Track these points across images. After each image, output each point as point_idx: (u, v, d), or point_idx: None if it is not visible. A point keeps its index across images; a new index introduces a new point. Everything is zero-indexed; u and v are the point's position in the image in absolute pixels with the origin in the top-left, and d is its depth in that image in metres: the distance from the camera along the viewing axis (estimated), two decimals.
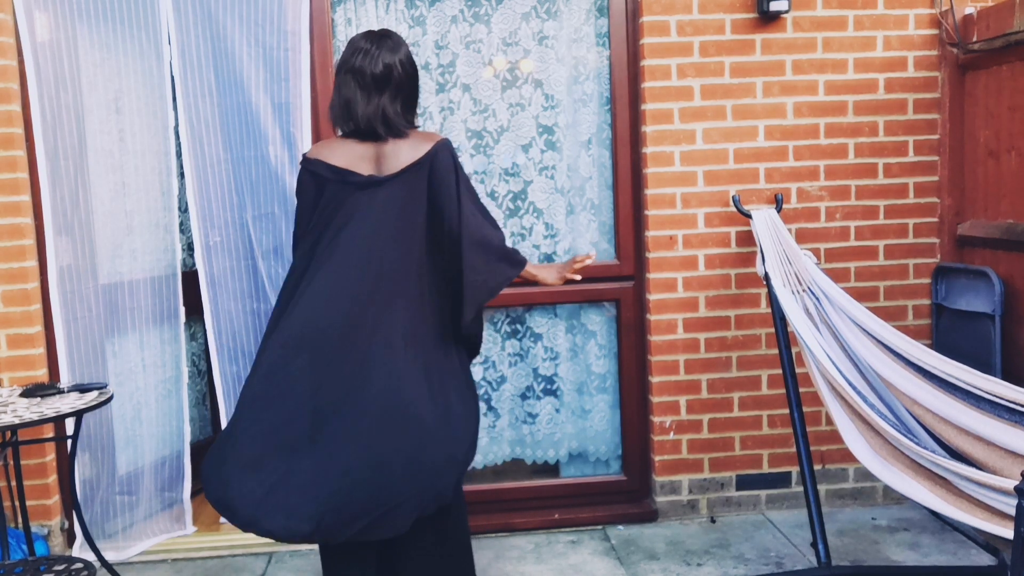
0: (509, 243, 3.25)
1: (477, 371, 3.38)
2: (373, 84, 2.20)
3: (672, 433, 3.33)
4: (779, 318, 2.89)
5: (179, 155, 3.23)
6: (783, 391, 2.94)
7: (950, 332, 3.26)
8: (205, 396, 3.90)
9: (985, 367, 2.87)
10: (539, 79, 3.31)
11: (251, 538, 3.21)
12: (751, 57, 3.23)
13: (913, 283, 3.37)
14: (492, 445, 3.43)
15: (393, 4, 3.24)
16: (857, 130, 3.30)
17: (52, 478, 3.08)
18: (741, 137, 3.25)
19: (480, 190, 3.28)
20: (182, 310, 3.29)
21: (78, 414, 2.54)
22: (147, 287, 3.25)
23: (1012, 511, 2.03)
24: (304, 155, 2.29)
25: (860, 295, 3.17)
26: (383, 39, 2.25)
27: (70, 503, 2.91)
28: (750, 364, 3.33)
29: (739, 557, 3.01)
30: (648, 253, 3.27)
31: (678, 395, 3.31)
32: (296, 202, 2.32)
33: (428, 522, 2.21)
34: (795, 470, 3.35)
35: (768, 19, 3.21)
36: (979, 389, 2.33)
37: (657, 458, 3.34)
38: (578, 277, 2.55)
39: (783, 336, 2.88)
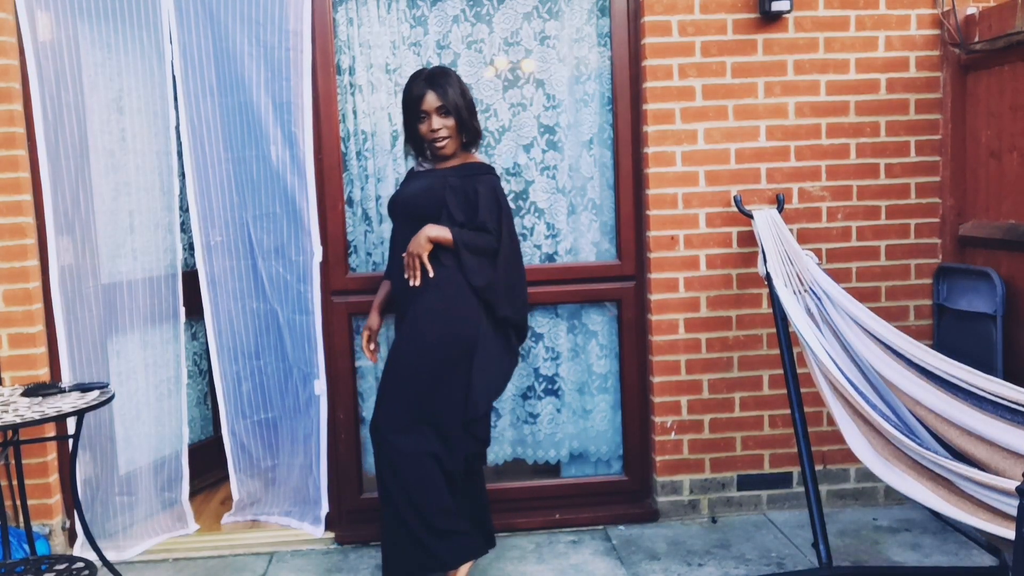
0: None
1: None
2: None
3: (673, 433, 3.33)
4: (780, 318, 2.89)
5: (180, 154, 3.23)
6: (784, 391, 2.94)
7: (951, 333, 3.26)
8: (206, 396, 3.90)
9: (986, 368, 2.87)
10: (540, 79, 3.31)
11: (252, 538, 3.23)
12: (753, 57, 3.23)
13: (914, 283, 3.37)
14: (493, 445, 3.41)
15: (395, 4, 3.24)
16: (859, 130, 3.29)
17: (53, 477, 3.08)
18: (743, 137, 3.25)
19: None
20: (182, 310, 3.28)
21: (79, 413, 2.54)
22: (148, 286, 3.25)
23: (1014, 512, 2.03)
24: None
25: (861, 295, 3.18)
26: None
27: (71, 502, 2.91)
28: (751, 364, 3.33)
29: (740, 557, 3.01)
30: (649, 253, 3.27)
31: (679, 395, 3.31)
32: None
33: None
34: (796, 470, 3.35)
35: (770, 19, 3.20)
36: (981, 389, 2.33)
37: (658, 458, 3.33)
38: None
39: (784, 336, 2.88)
